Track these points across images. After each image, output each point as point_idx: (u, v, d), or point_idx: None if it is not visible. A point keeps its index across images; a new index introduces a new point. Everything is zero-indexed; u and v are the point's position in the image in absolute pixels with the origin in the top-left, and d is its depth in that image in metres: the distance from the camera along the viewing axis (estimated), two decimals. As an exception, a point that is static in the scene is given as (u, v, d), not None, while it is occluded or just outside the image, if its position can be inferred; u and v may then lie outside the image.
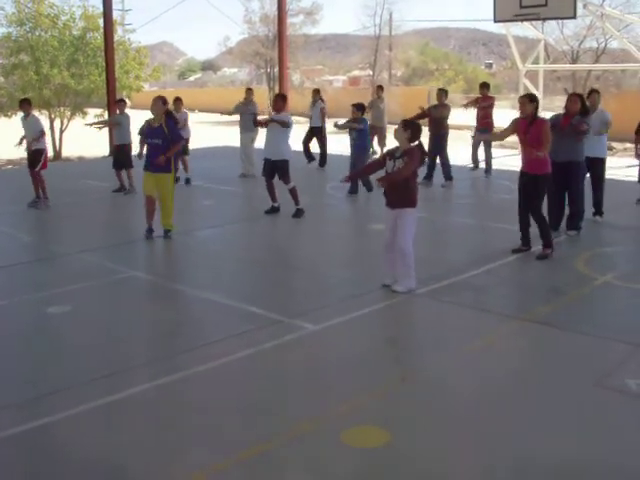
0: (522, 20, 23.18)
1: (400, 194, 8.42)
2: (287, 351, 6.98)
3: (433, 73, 59.76)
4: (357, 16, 67.69)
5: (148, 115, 11.49)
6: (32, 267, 10.35)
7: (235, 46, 61.17)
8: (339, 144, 21.31)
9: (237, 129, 18.58)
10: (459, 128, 30.08)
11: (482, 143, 18.19)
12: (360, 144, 15.20)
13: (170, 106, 12.29)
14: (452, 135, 17.51)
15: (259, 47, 49.03)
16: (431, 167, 16.69)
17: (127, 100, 19.11)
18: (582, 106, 11.08)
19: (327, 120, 20.61)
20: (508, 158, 20.09)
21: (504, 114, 17.70)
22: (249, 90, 19.00)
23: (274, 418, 5.54)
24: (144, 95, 36.42)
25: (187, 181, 17.24)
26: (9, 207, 14.71)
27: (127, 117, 16.26)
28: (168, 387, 6.16)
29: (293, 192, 13.07)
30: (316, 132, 20.44)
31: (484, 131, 17.92)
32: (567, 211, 11.49)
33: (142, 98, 35.41)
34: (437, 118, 16.71)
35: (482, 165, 18.49)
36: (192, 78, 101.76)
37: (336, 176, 17.99)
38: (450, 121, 17.15)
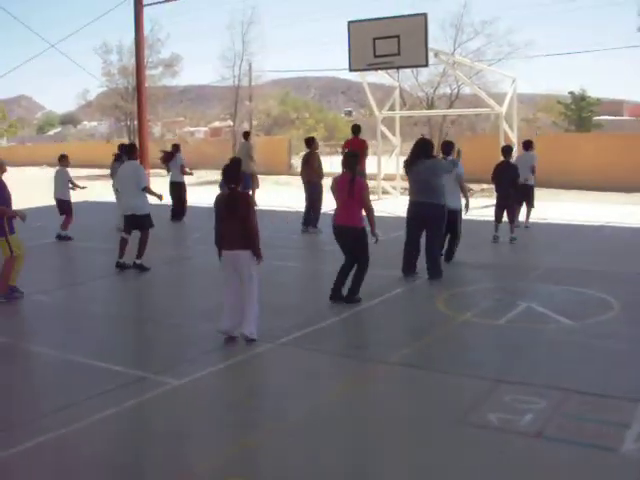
0: (376, 69, 23.85)
1: (239, 235, 8.43)
2: (151, 408, 6.81)
3: (294, 122, 60.47)
4: (215, 68, 68.05)
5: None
6: None
7: (94, 99, 60.25)
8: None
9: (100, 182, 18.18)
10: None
11: None
12: None
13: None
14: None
15: (118, 100, 48.43)
16: (308, 214, 17.23)
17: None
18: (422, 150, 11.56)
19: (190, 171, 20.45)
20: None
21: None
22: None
23: (140, 478, 5.38)
24: (2, 151, 35.36)
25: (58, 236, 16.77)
26: None
27: None
28: (28, 452, 5.84)
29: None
30: (177, 187, 20.21)
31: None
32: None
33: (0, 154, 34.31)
34: (311, 166, 17.15)
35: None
36: (52, 132, 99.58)
37: (197, 227, 17.99)
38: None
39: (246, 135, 21.91)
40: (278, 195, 26.46)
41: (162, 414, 6.65)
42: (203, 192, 20.69)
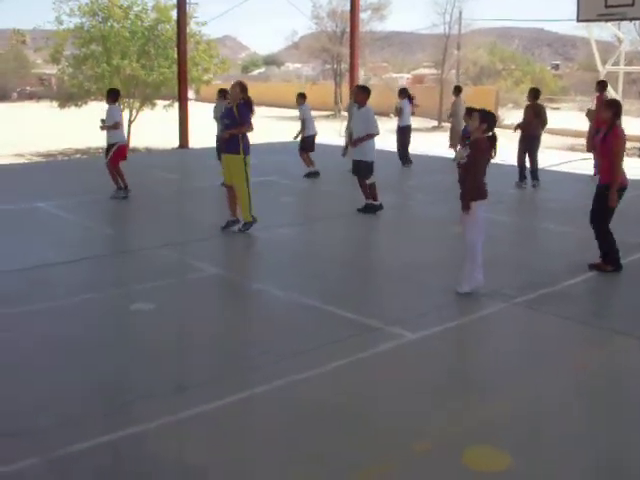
0: (606, 20, 22.54)
1: (463, 187, 8.14)
2: (388, 360, 6.61)
3: (500, 73, 58.78)
4: (427, 14, 66.73)
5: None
6: (114, 261, 10.13)
7: (300, 41, 61.09)
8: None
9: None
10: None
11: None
12: None
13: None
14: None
15: (326, 42, 48.86)
16: (522, 168, 16.40)
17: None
18: None
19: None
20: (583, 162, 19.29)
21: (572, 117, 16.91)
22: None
23: (385, 434, 5.20)
24: (211, 88, 35.98)
25: (307, 175, 17.13)
26: (84, 197, 14.41)
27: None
28: (264, 396, 5.83)
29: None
30: (404, 131, 19.75)
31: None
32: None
33: (209, 91, 34.86)
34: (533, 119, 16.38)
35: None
36: (256, 72, 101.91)
37: (415, 175, 17.78)
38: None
39: (458, 90, 21.05)
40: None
41: (400, 367, 6.45)
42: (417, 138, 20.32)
